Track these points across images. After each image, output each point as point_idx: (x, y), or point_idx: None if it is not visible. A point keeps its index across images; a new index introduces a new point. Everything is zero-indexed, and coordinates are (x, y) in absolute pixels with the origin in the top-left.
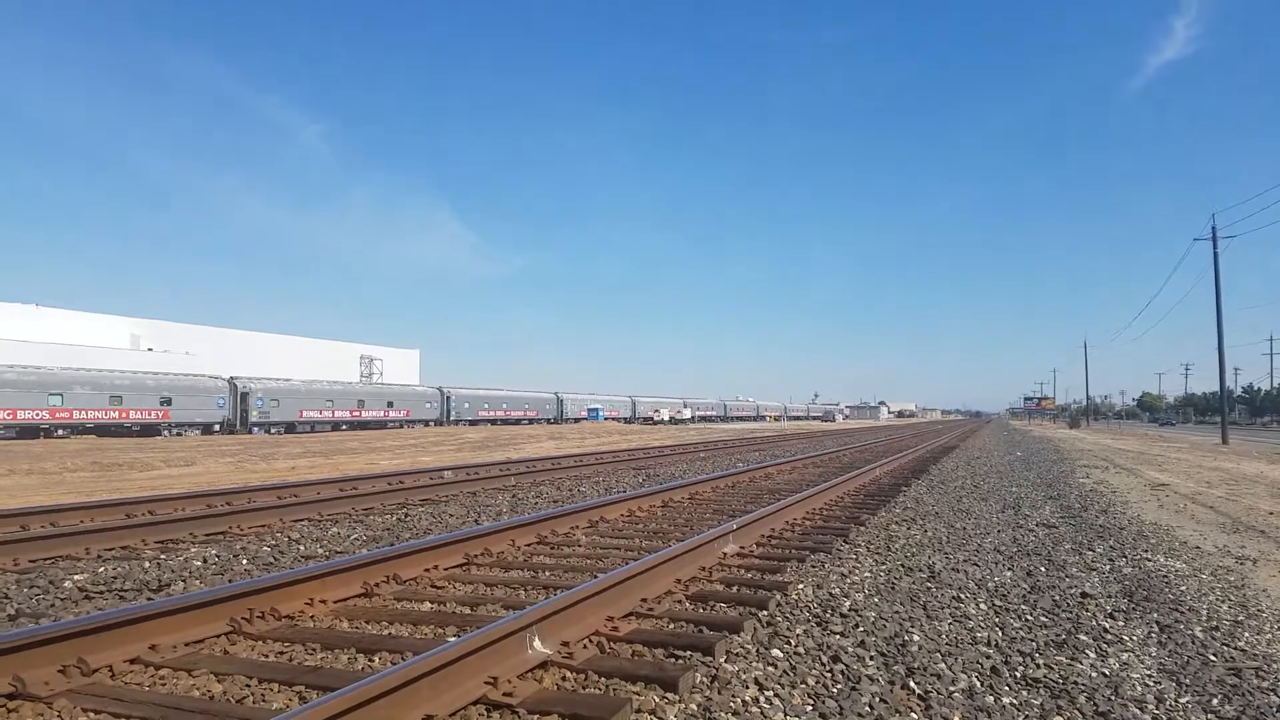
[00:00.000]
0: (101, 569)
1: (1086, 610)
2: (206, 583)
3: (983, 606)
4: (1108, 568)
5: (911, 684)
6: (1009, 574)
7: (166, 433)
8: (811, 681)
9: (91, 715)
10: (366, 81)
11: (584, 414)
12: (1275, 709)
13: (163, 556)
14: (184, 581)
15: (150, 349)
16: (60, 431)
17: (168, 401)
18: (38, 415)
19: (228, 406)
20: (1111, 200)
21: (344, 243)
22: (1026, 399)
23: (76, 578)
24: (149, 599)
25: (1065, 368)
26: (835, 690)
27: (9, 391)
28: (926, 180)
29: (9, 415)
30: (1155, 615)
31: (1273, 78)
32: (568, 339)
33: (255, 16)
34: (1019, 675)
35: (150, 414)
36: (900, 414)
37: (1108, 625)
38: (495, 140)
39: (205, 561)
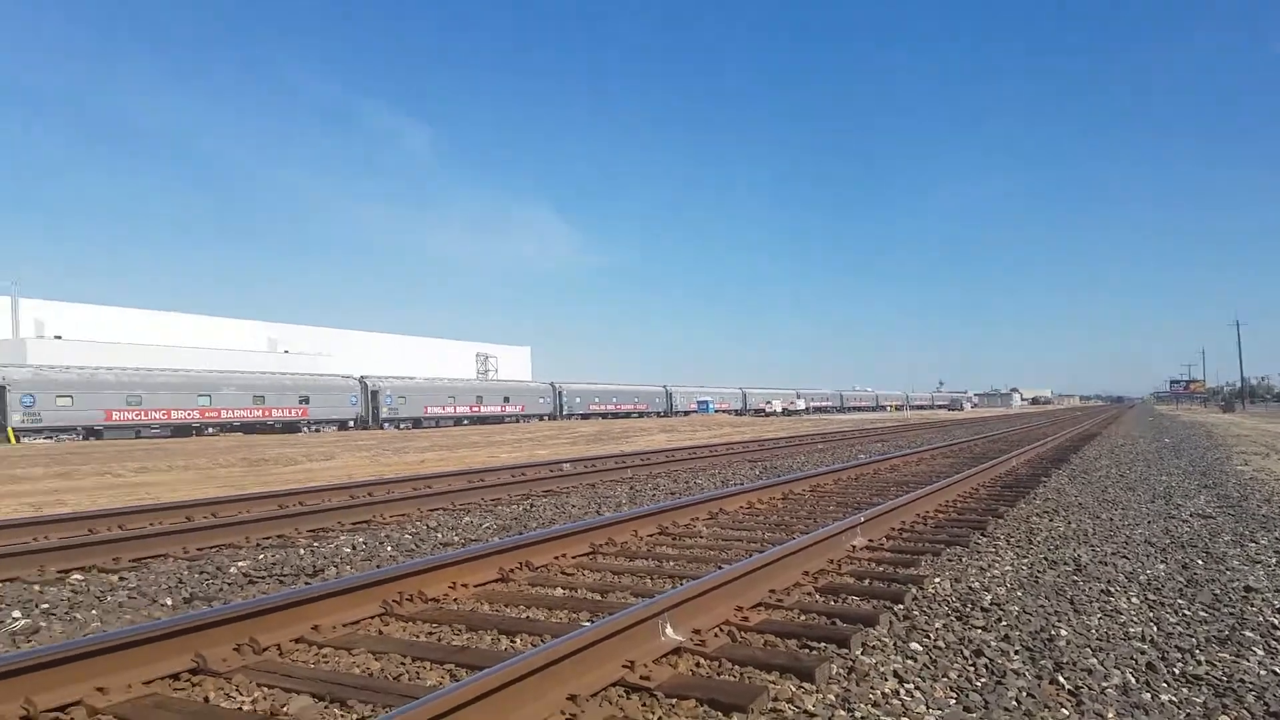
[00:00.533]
0: (262, 556)
1: (1251, 605)
2: (356, 568)
3: (1135, 600)
4: (1275, 561)
5: (1060, 679)
6: (1162, 567)
7: (305, 429)
8: (954, 675)
9: (265, 689)
10: (469, 88)
11: (694, 407)
12: None
13: (315, 544)
14: (336, 567)
15: (286, 351)
16: (210, 429)
17: (305, 400)
18: (190, 415)
19: (360, 404)
20: (1264, 167)
21: (454, 244)
22: (1173, 382)
23: (240, 564)
24: (306, 583)
25: (1215, 348)
26: (979, 684)
27: (165, 393)
28: (1061, 153)
29: (165, 415)
30: None
31: None
32: (676, 331)
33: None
34: (1178, 672)
35: (290, 412)
36: (1034, 400)
37: (1277, 621)
38: (597, 140)
39: (354, 548)
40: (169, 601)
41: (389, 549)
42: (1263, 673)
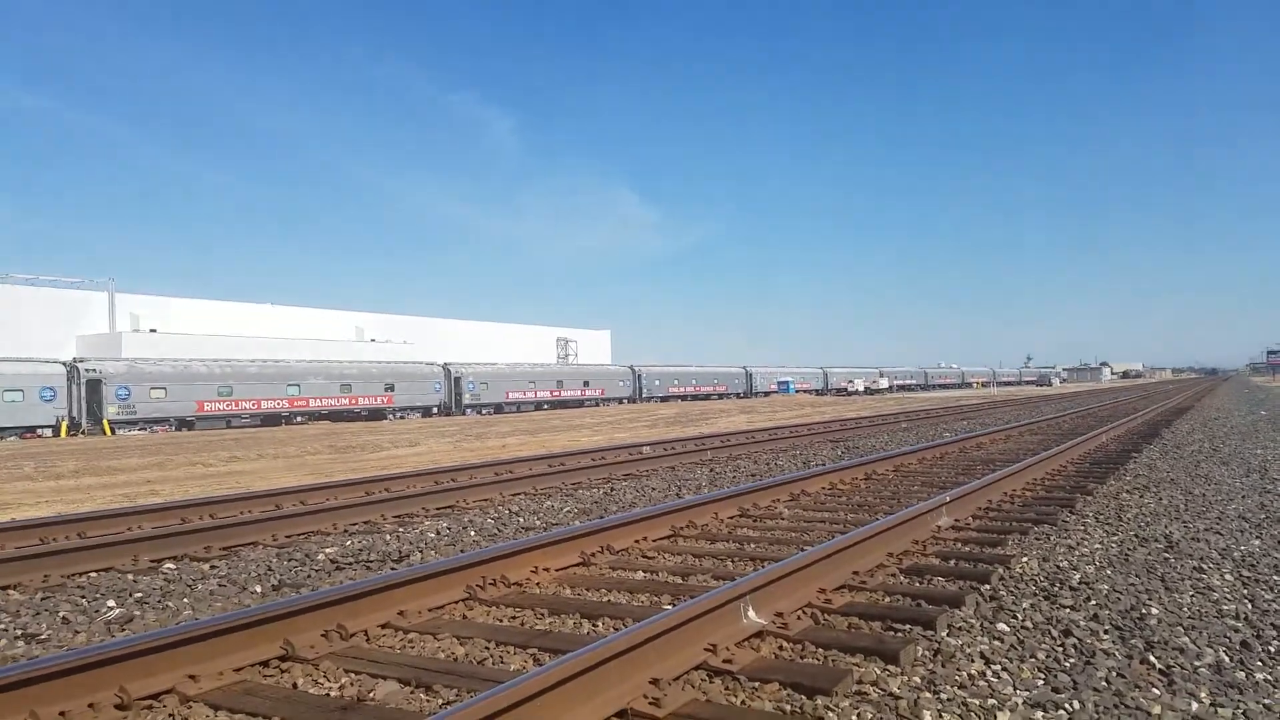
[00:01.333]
0: (349, 542)
1: None
2: (441, 553)
3: (1228, 578)
4: None
5: (1151, 658)
6: (1257, 543)
7: (391, 416)
8: (1042, 655)
9: (353, 675)
10: (549, 76)
11: (774, 387)
12: None
13: (400, 530)
14: (421, 552)
15: (373, 340)
16: (298, 418)
17: (390, 388)
18: (278, 404)
19: (443, 391)
20: None
21: (534, 230)
22: (1271, 353)
23: (328, 550)
24: (392, 569)
25: None
26: (1068, 664)
27: (254, 384)
28: (1146, 116)
29: (254, 405)
30: None
31: None
32: (754, 311)
33: (435, 19)
34: (1273, 650)
35: (376, 400)
36: (1125, 374)
37: None
38: (676, 120)
39: (438, 534)
40: (258, 589)
41: (472, 534)
42: None
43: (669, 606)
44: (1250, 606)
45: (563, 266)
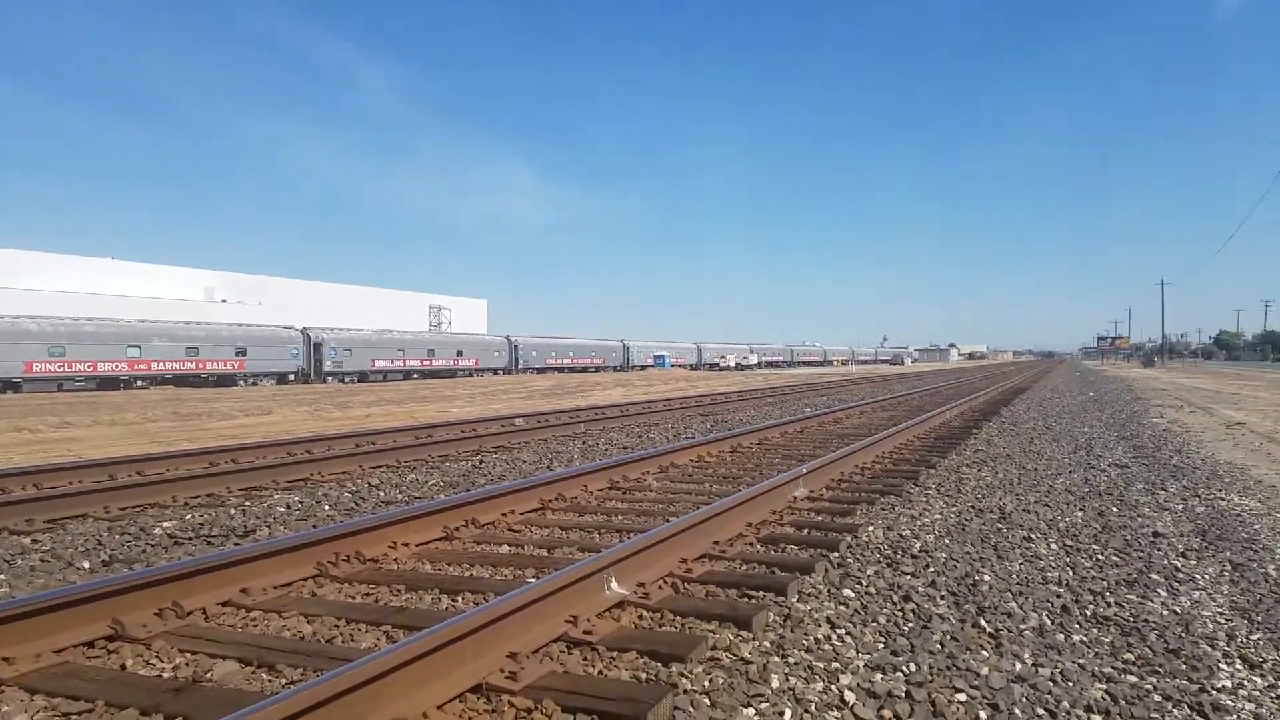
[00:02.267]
0: (189, 516)
1: (1159, 550)
2: (291, 528)
3: (1054, 547)
4: (1181, 507)
5: (982, 622)
6: (1080, 514)
7: (242, 383)
8: (883, 620)
9: (188, 655)
10: (434, 25)
11: (650, 361)
12: None
13: (247, 503)
14: (269, 527)
15: (224, 300)
16: (139, 383)
17: (243, 352)
18: (117, 367)
19: (301, 356)
20: (1194, 134)
21: (410, 192)
22: (1100, 338)
23: (166, 524)
24: (236, 544)
25: (1141, 306)
26: (907, 629)
27: (90, 344)
28: (1001, 118)
29: (90, 367)
30: (1228, 554)
31: None
32: (633, 287)
33: None
34: (1089, 614)
35: (226, 364)
36: (970, 356)
37: (1180, 564)
38: (567, 83)
39: (289, 508)
40: (86, 565)
41: (326, 508)
42: (1165, 613)
43: (533, 580)
44: (1071, 574)
45: (440, 231)
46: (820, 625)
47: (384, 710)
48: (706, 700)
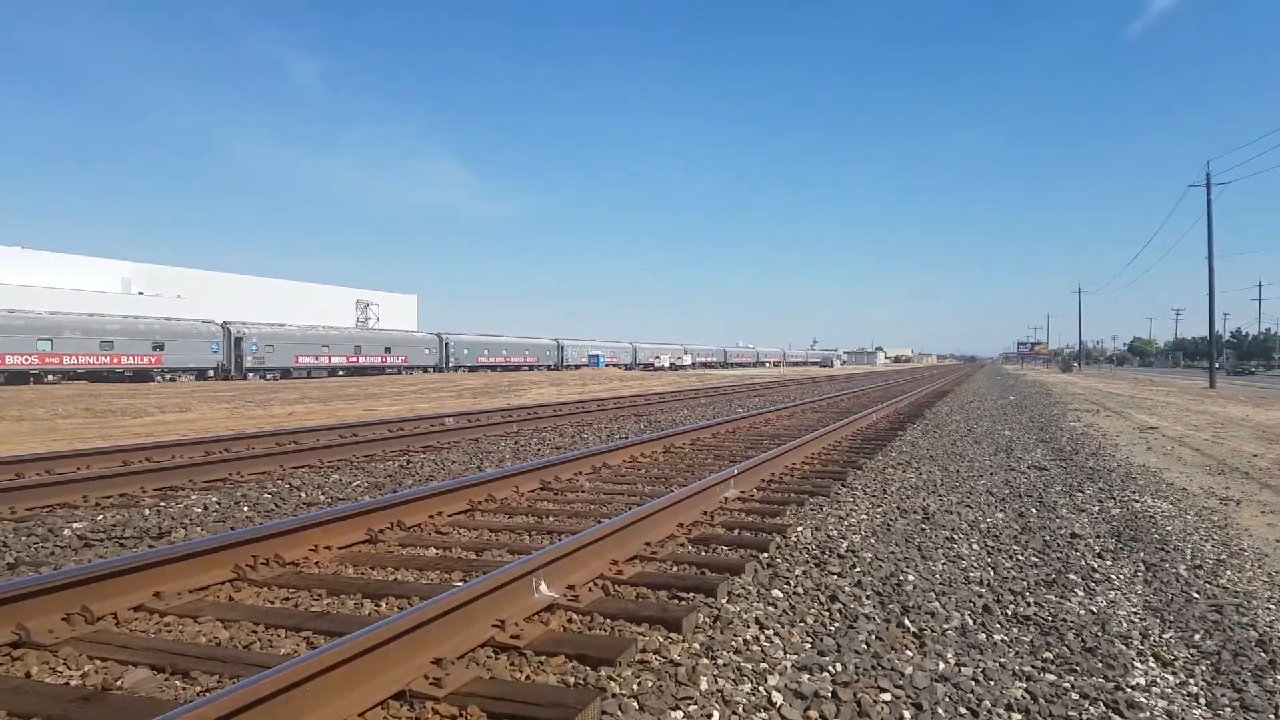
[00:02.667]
0: (100, 516)
1: (1076, 550)
2: (208, 530)
3: (975, 547)
4: (1097, 509)
5: (906, 622)
6: (1001, 515)
7: (160, 378)
8: (810, 620)
9: (98, 663)
10: (365, 15)
11: (585, 360)
12: (1254, 643)
13: (162, 504)
14: (185, 529)
15: (141, 293)
16: (50, 377)
17: (160, 347)
18: (27, 360)
19: (222, 352)
20: (1108, 149)
21: (338, 184)
22: (1020, 344)
23: (75, 525)
24: (150, 546)
25: (1059, 313)
26: (833, 628)
27: None
28: (928, 127)
29: None
30: (1142, 555)
31: (1262, 33)
32: (569, 285)
33: None
34: (1010, 613)
35: (143, 359)
36: (896, 359)
37: (1096, 565)
38: (499, 80)
39: (206, 509)
40: None
41: (245, 509)
42: (1082, 612)
43: (459, 584)
44: (993, 574)
45: (368, 225)
46: (749, 626)
47: (302, 719)
48: (635, 704)
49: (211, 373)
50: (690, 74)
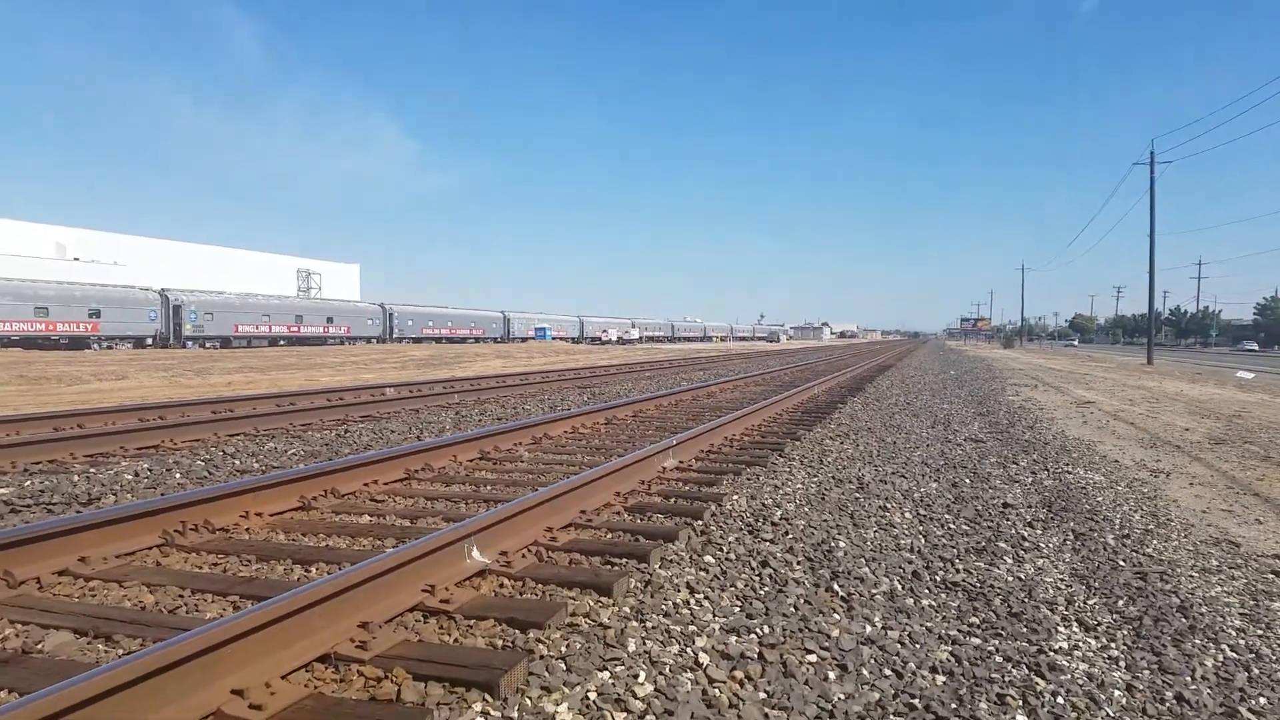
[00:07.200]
0: (28, 482)
1: (1007, 520)
2: (138, 496)
3: (908, 516)
4: (1030, 480)
5: (836, 587)
6: (935, 485)
7: (96, 346)
8: (740, 585)
9: (19, 626)
10: None
11: (531, 333)
12: (1175, 609)
13: (92, 470)
14: (115, 495)
15: (77, 259)
16: None
17: (96, 314)
18: None
19: (160, 320)
20: (1055, 125)
21: (280, 150)
22: (963, 320)
23: (2, 491)
24: (78, 512)
25: (1002, 290)
26: (763, 593)
27: None
28: (876, 99)
29: None
30: (1072, 524)
31: (1201, 16)
32: (515, 256)
33: None
34: (939, 579)
35: (78, 326)
36: (842, 334)
37: (1026, 534)
38: (443, 44)
39: (137, 475)
40: None
41: (177, 476)
42: (1009, 579)
43: (391, 549)
44: (924, 541)
45: (312, 192)
46: (680, 590)
47: (223, 680)
48: (562, 665)
49: (150, 341)
50: (633, 42)
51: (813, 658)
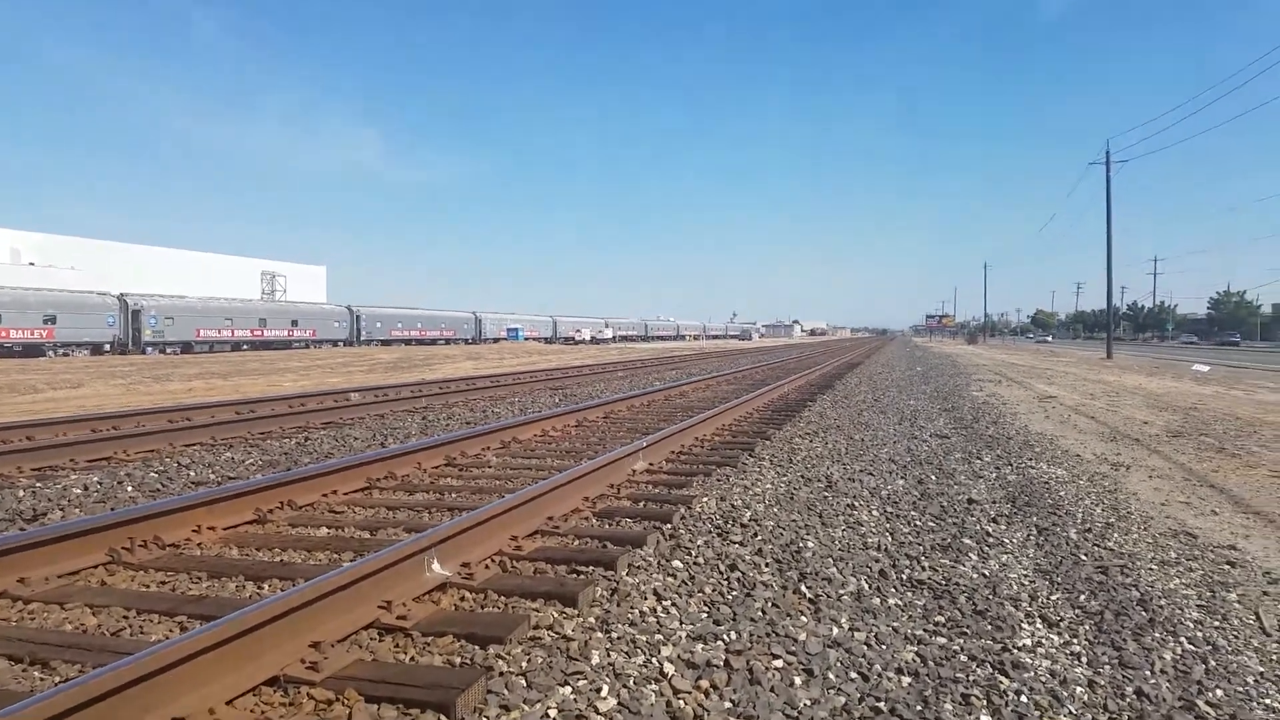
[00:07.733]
0: None
1: (972, 516)
2: (86, 511)
3: (875, 514)
4: (994, 475)
5: (803, 588)
6: (901, 483)
7: (52, 353)
8: (709, 590)
9: None
10: None
11: (503, 334)
12: (1135, 603)
13: (39, 484)
14: (61, 510)
15: (32, 263)
16: None
17: (52, 320)
18: None
19: (118, 325)
20: (1015, 124)
21: (244, 149)
22: (929, 317)
23: None
24: (21, 529)
25: (966, 286)
26: (730, 597)
27: None
28: (845, 102)
29: None
30: (1035, 519)
31: (1160, 18)
32: (487, 257)
33: None
34: (905, 578)
35: (33, 333)
36: (812, 332)
37: (990, 530)
38: (414, 41)
39: (86, 489)
40: None
41: (129, 489)
42: (975, 575)
43: (347, 563)
44: (890, 539)
45: (273, 191)
46: (647, 598)
47: (165, 707)
48: (523, 681)
49: (108, 347)
50: (609, 42)
51: (779, 663)
